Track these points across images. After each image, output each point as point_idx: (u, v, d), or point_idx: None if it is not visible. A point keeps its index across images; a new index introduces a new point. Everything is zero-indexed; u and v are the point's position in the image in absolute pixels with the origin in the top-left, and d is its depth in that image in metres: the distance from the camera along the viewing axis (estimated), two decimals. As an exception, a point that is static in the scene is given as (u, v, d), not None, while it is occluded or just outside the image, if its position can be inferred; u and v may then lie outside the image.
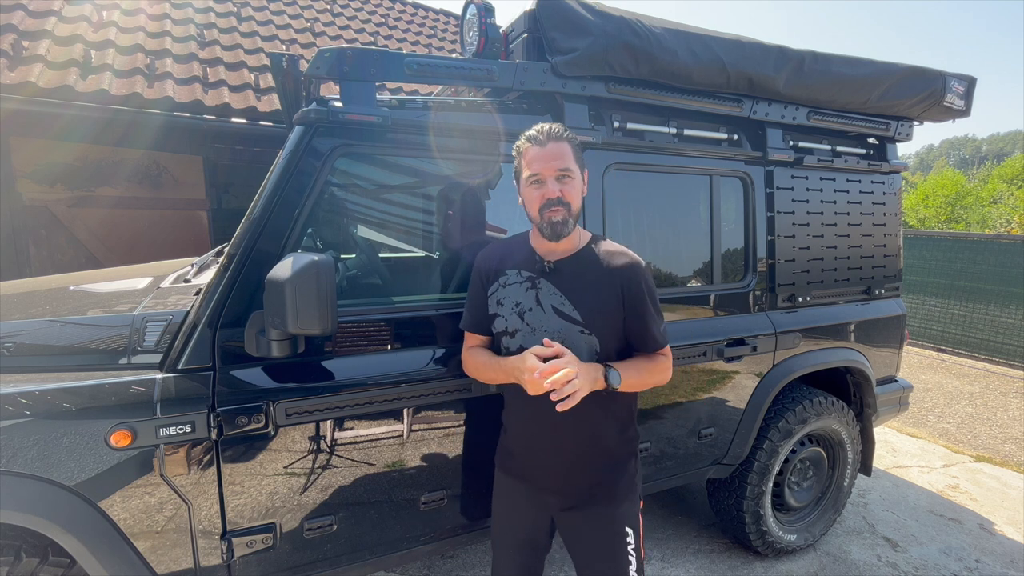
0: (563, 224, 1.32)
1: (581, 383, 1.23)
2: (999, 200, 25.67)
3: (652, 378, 1.42)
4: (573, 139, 1.36)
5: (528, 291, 1.40)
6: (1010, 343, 6.52)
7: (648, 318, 1.39)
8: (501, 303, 1.43)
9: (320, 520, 1.64)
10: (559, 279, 1.38)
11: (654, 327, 1.40)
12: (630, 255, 1.41)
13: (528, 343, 1.37)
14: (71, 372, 1.45)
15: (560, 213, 1.31)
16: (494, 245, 1.57)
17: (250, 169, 5.35)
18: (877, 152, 2.73)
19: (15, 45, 4.11)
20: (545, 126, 1.35)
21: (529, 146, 1.35)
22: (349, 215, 2.06)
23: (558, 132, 1.34)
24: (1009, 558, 2.76)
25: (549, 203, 1.31)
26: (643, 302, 1.38)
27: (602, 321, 1.36)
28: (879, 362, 2.81)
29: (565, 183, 1.32)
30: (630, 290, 1.36)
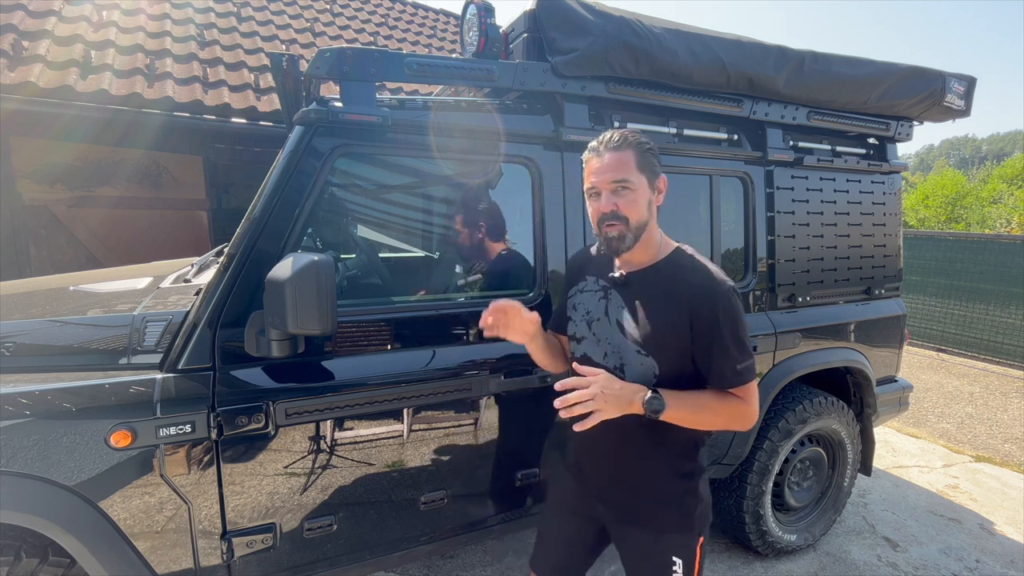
0: (619, 240, 1.24)
1: (606, 405, 1.15)
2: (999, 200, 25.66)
3: (715, 418, 1.23)
4: (641, 145, 1.24)
5: (600, 300, 1.35)
6: (1010, 343, 6.51)
7: (716, 350, 1.21)
8: (575, 308, 1.40)
9: (320, 520, 1.64)
10: (627, 292, 1.30)
11: (723, 360, 1.21)
12: (709, 275, 1.24)
13: (591, 352, 1.34)
14: (71, 372, 1.45)
15: (616, 228, 1.23)
16: (582, 249, 1.53)
17: (250, 169, 5.35)
18: (877, 152, 2.73)
19: (15, 45, 4.11)
20: (607, 134, 1.26)
21: (589, 157, 1.28)
22: (349, 215, 2.06)
23: (617, 141, 1.24)
24: (1009, 558, 2.76)
25: (604, 218, 1.24)
26: (712, 330, 1.20)
27: (662, 344, 1.24)
28: (879, 362, 2.81)
29: (622, 195, 1.22)
30: (699, 315, 1.20)
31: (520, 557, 2.60)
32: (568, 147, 1.94)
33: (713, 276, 1.24)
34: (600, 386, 1.16)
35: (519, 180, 1.93)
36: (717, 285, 1.22)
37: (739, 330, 1.22)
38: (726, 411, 1.23)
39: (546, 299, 1.92)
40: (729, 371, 1.21)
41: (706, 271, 1.25)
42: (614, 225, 1.23)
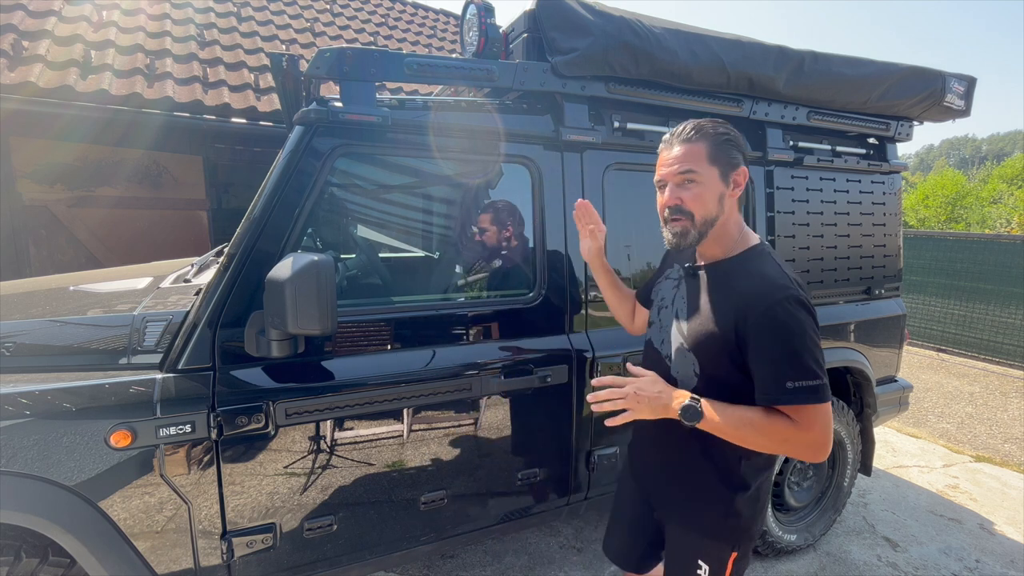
0: (682, 235, 1.19)
1: (638, 406, 1.17)
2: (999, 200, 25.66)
3: (759, 438, 1.11)
4: (718, 136, 1.18)
5: (672, 289, 1.35)
6: (1010, 343, 6.51)
7: (761, 361, 1.11)
8: (656, 294, 1.44)
9: (320, 520, 1.64)
10: (693, 285, 1.28)
11: (767, 374, 1.10)
12: (766, 281, 1.13)
13: (653, 338, 1.38)
14: (71, 372, 1.45)
15: (680, 223, 1.18)
16: None
17: (250, 169, 5.35)
18: (877, 152, 2.73)
19: (15, 45, 4.11)
20: (683, 124, 1.21)
21: (661, 148, 1.24)
22: (349, 215, 2.06)
23: (690, 132, 1.18)
24: (1009, 558, 2.76)
25: (668, 211, 1.20)
26: (758, 339, 1.10)
27: (702, 343, 1.20)
28: (879, 362, 2.81)
29: (687, 189, 1.17)
30: (746, 322, 1.12)
31: (520, 557, 2.60)
32: (568, 147, 1.94)
33: (771, 283, 1.13)
34: (635, 387, 1.17)
35: (519, 180, 1.93)
36: (772, 293, 1.11)
37: (794, 343, 1.08)
38: (774, 432, 1.10)
39: (545, 300, 1.92)
40: (773, 386, 1.10)
41: (765, 277, 1.15)
42: (678, 220, 1.19)
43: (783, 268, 1.18)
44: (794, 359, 1.08)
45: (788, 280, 1.14)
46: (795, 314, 1.10)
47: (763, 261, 1.20)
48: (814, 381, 1.08)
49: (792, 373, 1.08)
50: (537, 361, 1.88)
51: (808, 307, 1.12)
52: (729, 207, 1.21)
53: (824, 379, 1.09)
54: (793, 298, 1.10)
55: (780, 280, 1.13)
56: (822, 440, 1.11)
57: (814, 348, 1.10)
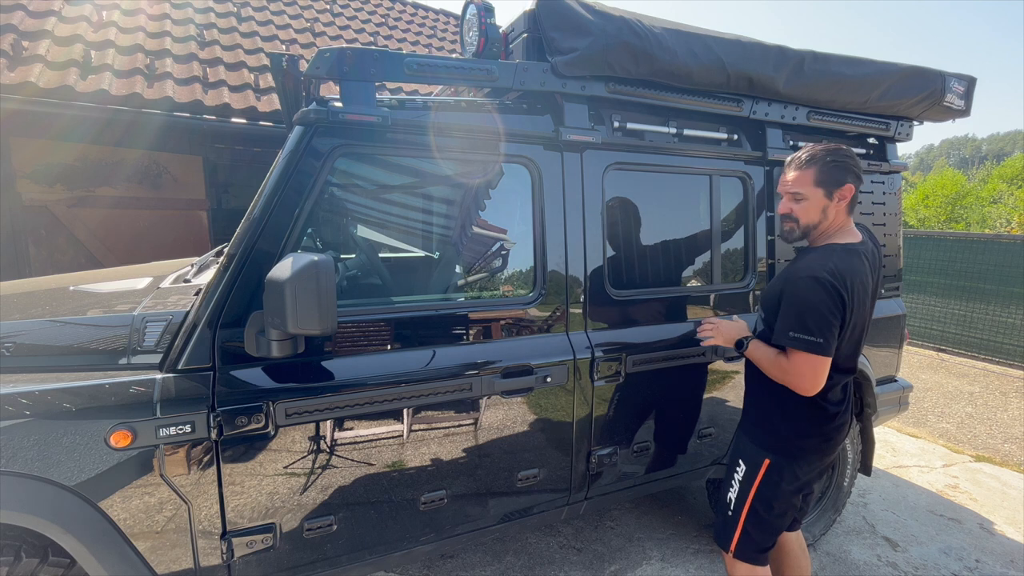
0: (789, 233, 1.70)
1: (716, 334, 1.85)
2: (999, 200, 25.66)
3: (771, 367, 1.63)
4: (827, 162, 1.59)
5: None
6: (1010, 343, 6.51)
7: (781, 316, 1.59)
8: None
9: (320, 520, 1.64)
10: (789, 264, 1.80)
11: (781, 324, 1.58)
12: (803, 264, 1.59)
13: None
14: (71, 372, 1.45)
15: (787, 225, 1.68)
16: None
17: (250, 169, 5.36)
18: (877, 152, 2.73)
19: (15, 45, 4.11)
20: (799, 154, 1.64)
21: (785, 168, 1.69)
22: (349, 215, 2.06)
23: (805, 160, 1.62)
24: (1009, 558, 2.76)
25: (782, 217, 1.69)
26: (783, 301, 1.59)
27: (766, 302, 1.71)
28: (879, 362, 2.81)
29: (798, 202, 1.64)
30: (783, 290, 1.61)
31: (520, 557, 2.60)
32: (568, 147, 1.94)
33: (806, 265, 1.56)
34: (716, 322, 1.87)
35: (519, 180, 1.93)
36: (801, 272, 1.55)
37: (803, 310, 1.52)
38: (777, 366, 1.60)
39: (545, 300, 1.92)
40: (781, 332, 1.58)
41: (807, 262, 1.59)
42: (788, 223, 1.68)
43: (831, 259, 1.55)
44: (799, 319, 1.53)
45: (819, 266, 1.53)
46: (810, 287, 1.52)
47: (821, 253, 1.60)
48: (808, 336, 1.52)
49: (794, 326, 1.54)
50: (537, 361, 1.88)
51: (827, 287, 1.50)
52: (833, 214, 1.63)
53: (818, 338, 1.50)
54: (812, 277, 1.52)
55: (813, 264, 1.55)
56: (806, 380, 1.55)
57: (819, 316, 1.50)
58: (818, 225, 1.65)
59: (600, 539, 2.76)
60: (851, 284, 1.52)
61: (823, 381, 1.55)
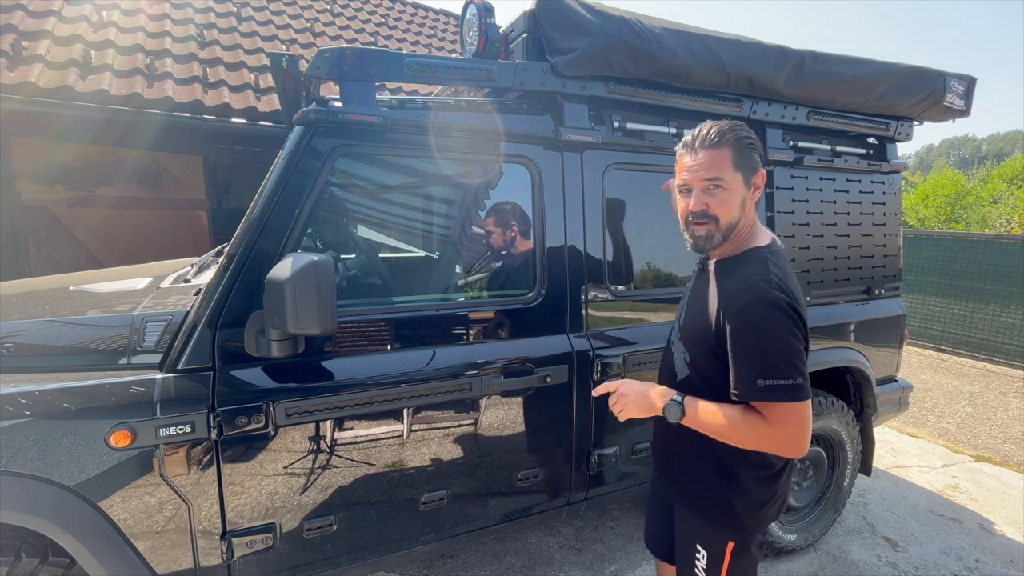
0: (707, 239, 1.23)
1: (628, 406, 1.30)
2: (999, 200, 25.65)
3: (736, 434, 1.16)
4: (740, 141, 1.21)
5: (691, 283, 1.44)
6: (1010, 343, 6.51)
7: (734, 358, 1.16)
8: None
9: (320, 520, 1.64)
10: (700, 280, 1.36)
11: (738, 371, 1.15)
12: (749, 283, 1.17)
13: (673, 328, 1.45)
14: (71, 372, 1.45)
15: (705, 227, 1.22)
16: None
17: (250, 169, 5.35)
18: (877, 152, 2.73)
19: (15, 45, 4.11)
20: (703, 129, 1.22)
21: (683, 152, 1.25)
22: (349, 215, 2.06)
23: (714, 137, 1.20)
24: (1009, 558, 2.76)
25: (692, 216, 1.23)
26: (732, 338, 1.16)
27: (692, 337, 1.29)
28: (879, 362, 2.81)
29: (713, 195, 1.20)
30: (725, 320, 1.18)
31: (520, 557, 2.60)
32: (568, 147, 1.94)
33: (748, 284, 1.17)
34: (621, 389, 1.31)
35: (519, 180, 1.93)
36: (746, 294, 1.15)
37: (766, 344, 1.12)
38: (749, 429, 1.15)
39: (546, 299, 1.92)
40: (745, 384, 1.14)
41: (745, 278, 1.19)
42: (703, 224, 1.23)
43: (771, 271, 1.18)
44: (765, 358, 1.12)
45: (767, 283, 1.15)
46: (767, 315, 1.12)
47: (756, 263, 1.22)
48: (786, 380, 1.10)
49: (763, 371, 1.11)
50: (537, 361, 1.88)
51: (784, 309, 1.12)
52: (749, 209, 1.26)
53: (798, 379, 1.11)
54: (765, 299, 1.13)
55: (758, 282, 1.15)
56: (796, 438, 1.14)
57: (789, 348, 1.12)
58: (738, 224, 1.24)
59: (600, 539, 2.76)
60: (801, 298, 1.18)
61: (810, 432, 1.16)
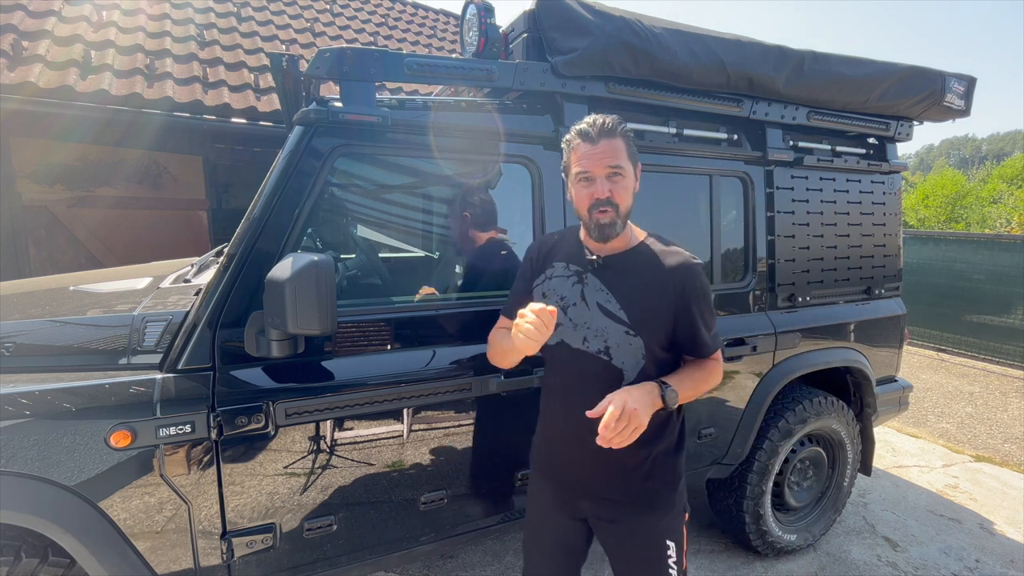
0: (611, 226, 1.26)
1: (641, 418, 1.16)
2: (999, 200, 25.65)
3: (707, 386, 1.35)
4: (627, 132, 1.28)
5: (574, 285, 1.36)
6: (1010, 343, 6.51)
7: (700, 322, 1.31)
8: (546, 295, 1.39)
9: (320, 520, 1.64)
10: (607, 276, 1.33)
11: (706, 333, 1.33)
12: (684, 255, 1.33)
13: (568, 338, 1.34)
14: (71, 372, 1.45)
15: (609, 214, 1.25)
16: (545, 236, 1.54)
17: (250, 169, 5.35)
18: (877, 152, 2.73)
19: (15, 45, 4.11)
20: (598, 119, 1.26)
21: (579, 142, 1.27)
22: (349, 215, 2.06)
23: (611, 127, 1.25)
24: (1009, 558, 2.76)
25: (598, 203, 1.25)
26: (696, 304, 1.30)
27: (650, 323, 1.29)
28: (879, 362, 2.81)
29: (615, 182, 1.25)
30: (683, 292, 1.28)
31: (519, 557, 2.60)
32: (568, 147, 1.94)
33: (688, 256, 1.33)
34: (631, 406, 1.15)
35: (519, 180, 1.93)
36: (694, 264, 1.32)
37: (711, 301, 1.35)
38: (712, 377, 1.36)
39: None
40: (710, 339, 1.35)
41: (681, 252, 1.34)
42: (607, 211, 1.25)
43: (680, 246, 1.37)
44: (712, 313, 1.36)
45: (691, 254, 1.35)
46: (704, 278, 1.34)
47: (668, 243, 1.37)
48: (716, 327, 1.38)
49: (712, 325, 1.36)
50: (536, 361, 1.88)
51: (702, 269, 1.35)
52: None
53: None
54: (700, 267, 1.33)
55: (688, 253, 1.34)
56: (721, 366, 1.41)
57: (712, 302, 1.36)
58: (630, 212, 1.31)
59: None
60: None
61: None
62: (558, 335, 1.34)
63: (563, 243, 1.44)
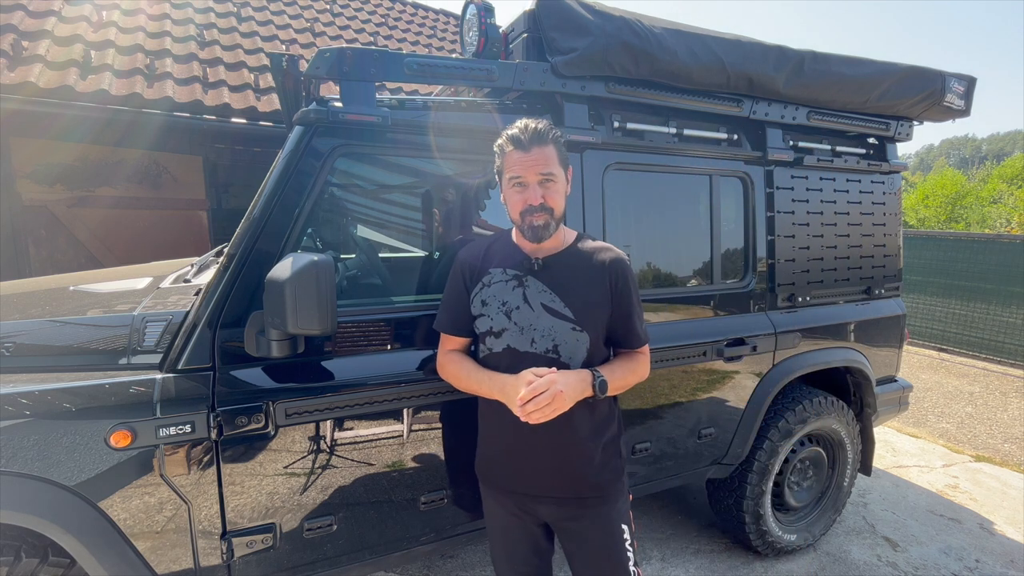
0: (545, 228, 1.32)
1: (566, 401, 1.24)
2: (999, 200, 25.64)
3: (635, 378, 1.43)
4: (558, 139, 1.34)
5: (515, 289, 1.37)
6: (1011, 343, 6.51)
7: (633, 314, 1.41)
8: (486, 303, 1.39)
9: (320, 520, 1.64)
10: (548, 276, 1.37)
11: (638, 324, 1.43)
12: (615, 251, 1.42)
13: (515, 343, 1.35)
14: (71, 372, 1.45)
15: (542, 218, 1.31)
16: (475, 243, 1.53)
17: (250, 169, 5.35)
18: (877, 152, 2.73)
19: (15, 45, 4.11)
20: (529, 126, 1.31)
21: (512, 148, 1.32)
22: (349, 215, 2.06)
23: (542, 134, 1.30)
24: (1009, 558, 2.76)
25: (531, 209, 1.30)
26: (629, 297, 1.40)
27: (592, 317, 1.36)
28: (879, 362, 2.81)
29: (547, 187, 1.31)
30: (617, 285, 1.38)
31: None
32: (568, 147, 1.93)
33: (618, 252, 1.42)
34: (560, 384, 1.23)
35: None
36: (624, 259, 1.41)
37: (639, 296, 1.44)
38: (640, 369, 1.44)
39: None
40: (642, 331, 1.44)
41: (611, 248, 1.43)
42: (540, 215, 1.31)
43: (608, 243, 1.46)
44: (640, 308, 1.45)
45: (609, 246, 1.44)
46: (633, 273, 1.42)
47: (594, 239, 1.46)
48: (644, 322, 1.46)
49: (642, 318, 1.45)
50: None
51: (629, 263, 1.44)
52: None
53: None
54: (623, 258, 1.41)
55: (617, 249, 1.43)
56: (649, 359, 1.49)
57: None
58: (563, 213, 1.37)
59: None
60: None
61: None
62: (504, 341, 1.37)
63: (495, 249, 1.46)
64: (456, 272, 1.48)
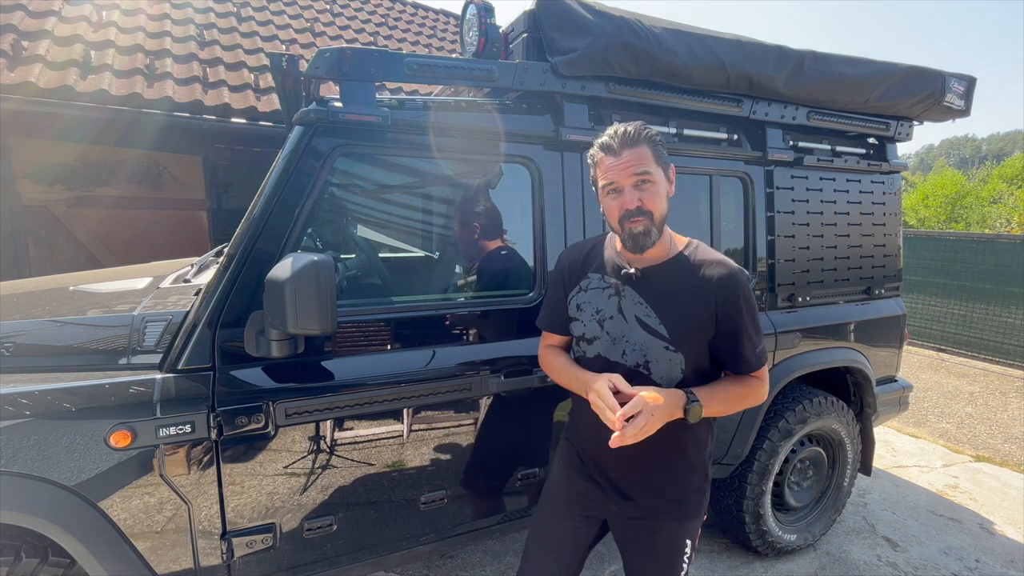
0: (646, 235, 1.22)
1: (655, 422, 1.15)
2: (999, 200, 25.64)
3: (740, 403, 1.29)
4: (652, 138, 1.23)
5: (611, 298, 1.31)
6: (1010, 343, 6.51)
7: (743, 338, 1.26)
8: (581, 308, 1.36)
9: (320, 520, 1.64)
10: (646, 288, 1.28)
11: (748, 348, 1.27)
12: (728, 265, 1.27)
13: (606, 352, 1.31)
14: (71, 372, 1.45)
15: (641, 223, 1.21)
16: (577, 244, 1.48)
17: (250, 169, 5.35)
18: (877, 152, 2.73)
19: (15, 45, 4.11)
20: (620, 129, 1.23)
21: (603, 155, 1.24)
22: (349, 215, 2.06)
23: (633, 136, 1.21)
24: (1009, 558, 2.76)
25: (628, 214, 1.21)
26: (739, 319, 1.24)
27: (692, 338, 1.25)
28: (879, 362, 2.81)
29: (645, 189, 1.21)
30: (725, 306, 1.24)
31: (519, 557, 2.60)
32: (568, 147, 1.94)
33: (732, 267, 1.27)
34: (650, 409, 1.15)
35: (519, 180, 1.93)
36: (739, 275, 1.26)
37: (757, 315, 1.29)
38: (750, 395, 1.29)
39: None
40: (753, 356, 1.28)
41: (725, 263, 1.28)
42: (639, 220, 1.21)
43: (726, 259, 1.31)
44: (756, 330, 1.29)
45: (739, 267, 1.29)
46: (750, 291, 1.27)
47: (708, 250, 1.32)
48: (763, 343, 1.31)
49: (757, 341, 1.29)
50: (537, 361, 1.88)
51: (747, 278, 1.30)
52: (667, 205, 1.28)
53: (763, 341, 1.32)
54: (747, 280, 1.27)
55: (732, 264, 1.28)
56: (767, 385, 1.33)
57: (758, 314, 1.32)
58: (666, 217, 1.25)
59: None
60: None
61: None
62: (596, 348, 1.33)
63: (596, 252, 1.39)
64: (556, 272, 1.46)
